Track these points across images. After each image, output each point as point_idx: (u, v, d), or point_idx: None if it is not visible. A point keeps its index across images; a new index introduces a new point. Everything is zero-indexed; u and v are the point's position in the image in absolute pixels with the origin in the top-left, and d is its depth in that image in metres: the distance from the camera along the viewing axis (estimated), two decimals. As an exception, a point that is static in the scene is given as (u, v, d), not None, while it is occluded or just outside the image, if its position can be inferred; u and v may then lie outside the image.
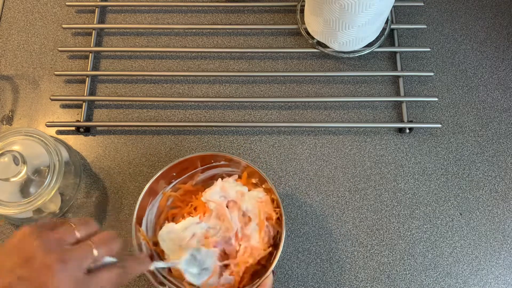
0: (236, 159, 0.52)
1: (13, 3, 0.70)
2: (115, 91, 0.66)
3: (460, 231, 0.59)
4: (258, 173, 0.51)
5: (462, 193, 0.60)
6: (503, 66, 0.67)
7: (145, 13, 0.70)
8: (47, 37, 0.68)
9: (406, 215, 0.59)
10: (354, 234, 0.58)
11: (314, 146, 0.62)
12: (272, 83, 0.66)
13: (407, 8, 0.69)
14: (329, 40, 0.63)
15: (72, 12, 0.70)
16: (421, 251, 0.58)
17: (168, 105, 0.65)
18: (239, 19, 0.70)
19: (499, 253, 0.58)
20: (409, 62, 0.67)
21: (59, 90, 0.65)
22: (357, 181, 0.61)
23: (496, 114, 0.64)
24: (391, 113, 0.64)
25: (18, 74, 0.66)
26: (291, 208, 0.59)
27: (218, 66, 0.67)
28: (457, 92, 0.65)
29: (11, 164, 0.50)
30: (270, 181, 0.50)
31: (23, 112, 0.64)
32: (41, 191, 0.51)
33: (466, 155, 0.62)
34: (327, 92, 0.65)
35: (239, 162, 0.53)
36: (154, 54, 0.68)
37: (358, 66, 0.67)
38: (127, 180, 0.61)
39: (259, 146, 0.62)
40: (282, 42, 0.68)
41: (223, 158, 0.54)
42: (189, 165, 0.54)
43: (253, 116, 0.64)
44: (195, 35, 0.69)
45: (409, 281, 0.57)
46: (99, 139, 0.63)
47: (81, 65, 0.67)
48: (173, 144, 0.63)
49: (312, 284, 0.56)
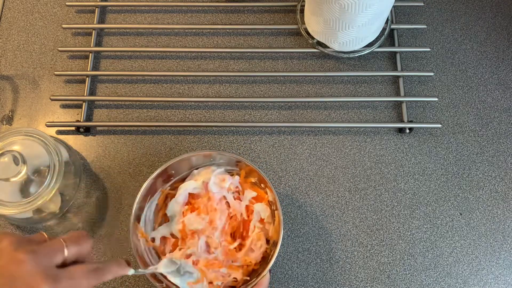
0: (233, 156, 0.52)
1: (13, 3, 0.70)
2: (115, 91, 0.66)
3: (460, 231, 0.59)
4: (256, 171, 0.51)
5: (462, 193, 0.60)
6: (503, 66, 0.67)
7: (145, 13, 0.70)
8: (47, 37, 0.68)
9: (406, 215, 0.59)
10: (354, 234, 0.58)
11: (314, 146, 0.62)
12: (272, 83, 0.66)
13: (407, 8, 0.69)
14: (329, 40, 0.63)
15: (72, 12, 0.70)
16: (421, 251, 0.58)
17: (168, 105, 0.65)
18: (239, 19, 0.70)
19: (499, 253, 0.58)
20: (409, 62, 0.67)
21: (59, 90, 0.65)
22: (357, 181, 0.61)
23: (496, 114, 0.64)
24: (391, 113, 0.64)
25: (18, 74, 0.66)
26: (291, 208, 0.59)
27: (218, 66, 0.67)
28: (457, 92, 0.65)
29: (11, 164, 0.50)
30: (265, 176, 0.51)
31: (23, 112, 0.64)
32: (41, 191, 0.51)
33: (466, 155, 0.62)
34: (327, 92, 0.65)
35: (236, 160, 0.53)
36: (154, 54, 0.68)
37: (358, 66, 0.67)
38: (127, 180, 0.61)
39: (259, 146, 0.62)
40: (282, 42, 0.68)
41: (220, 156, 0.54)
42: (187, 164, 0.54)
43: (253, 116, 0.64)
44: (195, 35, 0.69)
45: (409, 281, 0.57)
46: (99, 139, 0.63)
47: (81, 65, 0.67)
48: (173, 144, 0.63)
49: (312, 284, 0.56)
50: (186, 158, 0.53)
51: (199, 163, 0.55)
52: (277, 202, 0.50)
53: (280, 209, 0.50)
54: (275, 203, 0.51)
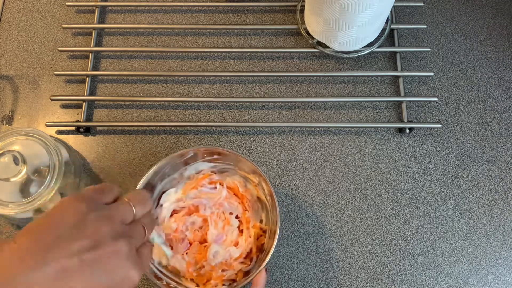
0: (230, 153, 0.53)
1: (13, 3, 0.70)
2: (115, 91, 0.66)
3: (460, 231, 0.59)
4: (252, 166, 0.51)
5: (462, 193, 0.60)
6: (503, 66, 0.67)
7: (145, 13, 0.70)
8: (47, 37, 0.68)
9: (406, 215, 0.59)
10: (354, 234, 0.58)
11: (314, 146, 0.62)
12: (272, 83, 0.66)
13: (407, 8, 0.69)
14: (329, 40, 0.63)
15: (72, 12, 0.70)
16: (421, 251, 0.58)
17: (168, 105, 0.65)
18: (239, 19, 0.70)
19: (499, 253, 0.58)
20: (409, 62, 0.67)
21: (59, 90, 0.65)
22: (357, 181, 0.61)
23: (496, 114, 0.64)
24: (391, 113, 0.64)
25: (18, 74, 0.66)
26: (291, 208, 0.59)
27: (218, 66, 0.67)
28: (457, 92, 0.65)
29: (11, 164, 0.50)
30: (261, 171, 0.51)
31: (23, 112, 0.64)
32: (41, 191, 0.51)
33: (466, 155, 0.62)
34: (327, 92, 0.65)
35: (232, 156, 0.53)
36: (154, 54, 0.68)
37: (358, 66, 0.67)
38: (127, 180, 0.61)
39: (259, 146, 0.62)
40: (282, 42, 0.68)
41: (216, 153, 0.54)
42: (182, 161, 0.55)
43: (253, 116, 0.64)
44: (195, 35, 0.69)
45: (409, 281, 0.57)
46: (99, 139, 0.63)
47: (81, 65, 0.67)
48: (173, 144, 0.63)
49: (312, 284, 0.56)
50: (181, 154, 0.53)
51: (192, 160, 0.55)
52: (273, 194, 0.50)
53: (276, 201, 0.50)
54: (272, 195, 0.51)
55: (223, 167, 0.56)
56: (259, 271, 0.47)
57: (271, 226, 0.52)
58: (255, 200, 0.55)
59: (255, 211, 0.54)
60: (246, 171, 0.54)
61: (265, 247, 0.52)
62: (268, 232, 0.53)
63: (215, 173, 0.56)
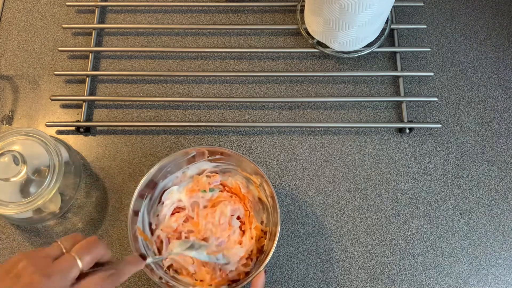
0: (233, 153, 0.53)
1: (13, 3, 0.70)
2: (115, 91, 0.66)
3: (460, 231, 0.59)
4: (255, 167, 0.51)
5: (462, 193, 0.60)
6: (503, 66, 0.67)
7: (145, 13, 0.70)
8: (47, 37, 0.68)
9: (406, 215, 0.59)
10: (354, 234, 0.58)
11: (314, 146, 0.62)
12: (272, 83, 0.66)
13: (407, 8, 0.69)
14: (329, 40, 0.63)
15: (72, 12, 0.70)
16: (421, 251, 0.58)
17: (168, 105, 0.65)
18: (239, 19, 0.70)
19: (499, 253, 0.58)
20: (409, 62, 0.67)
21: (59, 90, 0.65)
22: (357, 181, 0.61)
23: (496, 114, 0.64)
24: (391, 113, 0.64)
25: (18, 74, 0.66)
26: (291, 208, 0.59)
27: (218, 66, 0.67)
28: (457, 92, 0.65)
29: (11, 164, 0.50)
30: (261, 169, 0.51)
31: (23, 112, 0.64)
32: (41, 191, 0.51)
33: (466, 155, 0.62)
34: (327, 92, 0.65)
35: (234, 156, 0.53)
36: (154, 54, 0.68)
37: (358, 66, 0.67)
38: (127, 180, 0.61)
39: (259, 146, 0.62)
40: (282, 42, 0.68)
41: (219, 153, 0.54)
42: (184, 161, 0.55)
43: (253, 116, 0.64)
44: (195, 35, 0.69)
45: (409, 281, 0.57)
46: (99, 139, 0.63)
47: (81, 65, 0.67)
48: (173, 144, 0.63)
49: (312, 284, 0.56)
50: (184, 152, 0.53)
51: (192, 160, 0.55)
52: (274, 196, 0.50)
53: (277, 202, 0.50)
54: (273, 196, 0.51)
55: (225, 167, 0.56)
56: (258, 273, 0.48)
57: (272, 228, 0.52)
58: (256, 201, 0.55)
59: (256, 212, 0.55)
60: (248, 172, 0.54)
61: (265, 248, 0.52)
62: (268, 234, 0.53)
63: (217, 173, 0.56)
